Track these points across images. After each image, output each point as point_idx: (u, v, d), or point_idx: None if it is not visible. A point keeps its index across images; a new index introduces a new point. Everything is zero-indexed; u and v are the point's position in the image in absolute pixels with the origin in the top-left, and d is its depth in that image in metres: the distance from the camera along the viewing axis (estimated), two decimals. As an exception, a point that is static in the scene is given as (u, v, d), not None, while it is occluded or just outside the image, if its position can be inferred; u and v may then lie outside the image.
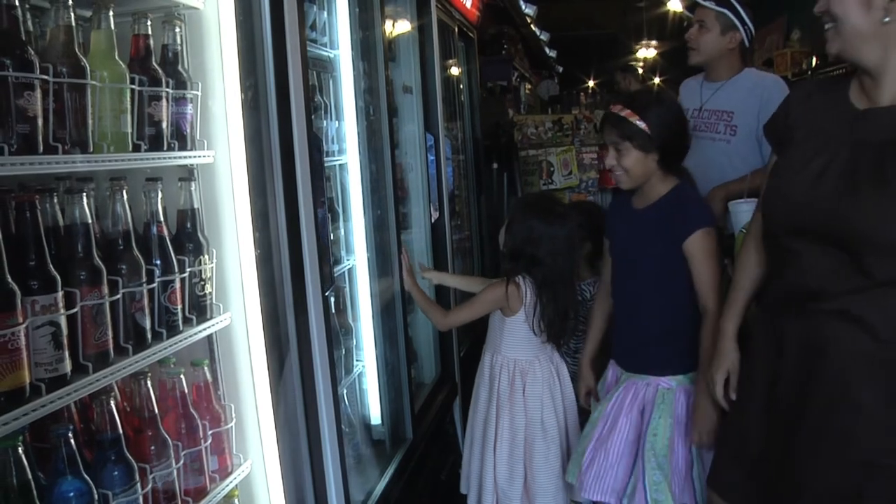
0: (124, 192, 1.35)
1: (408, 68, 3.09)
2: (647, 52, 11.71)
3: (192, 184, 1.52)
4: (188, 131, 1.49)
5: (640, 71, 7.71)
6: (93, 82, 1.25)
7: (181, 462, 1.44)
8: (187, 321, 1.48)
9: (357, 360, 2.47)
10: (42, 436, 1.24)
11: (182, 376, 1.49)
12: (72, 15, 1.22)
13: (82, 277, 1.22)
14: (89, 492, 1.20)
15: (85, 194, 1.26)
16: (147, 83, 1.37)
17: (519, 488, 2.31)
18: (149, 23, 1.41)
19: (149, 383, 1.40)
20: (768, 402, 1.63)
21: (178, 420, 1.47)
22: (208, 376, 1.57)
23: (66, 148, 1.20)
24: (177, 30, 1.47)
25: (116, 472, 1.27)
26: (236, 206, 1.56)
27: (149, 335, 1.37)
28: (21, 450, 1.11)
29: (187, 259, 1.48)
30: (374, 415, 2.56)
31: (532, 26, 8.71)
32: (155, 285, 1.39)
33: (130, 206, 1.37)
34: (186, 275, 1.47)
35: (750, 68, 2.76)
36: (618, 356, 2.24)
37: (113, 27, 1.32)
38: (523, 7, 7.52)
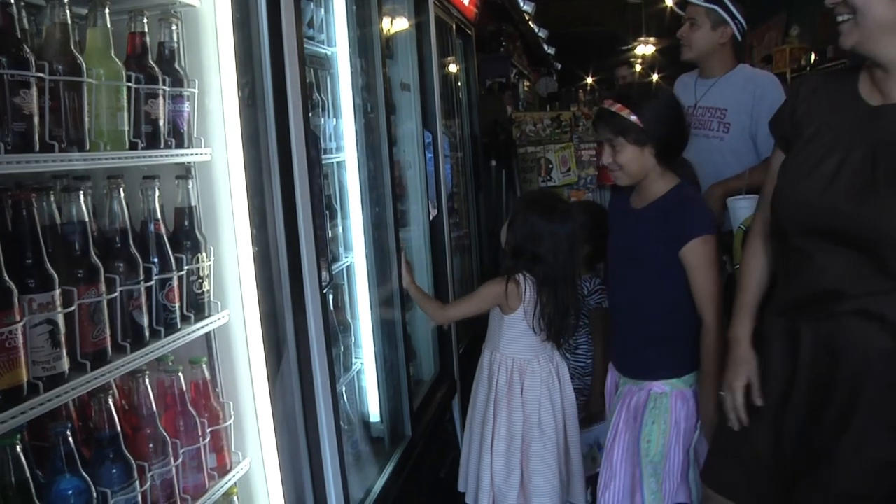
0: (121, 190, 1.35)
1: (405, 65, 3.08)
2: (645, 49, 11.69)
3: (190, 181, 1.52)
4: (185, 129, 1.49)
5: (639, 68, 7.72)
6: (89, 80, 1.25)
7: (180, 460, 1.43)
8: (185, 319, 1.48)
9: (356, 358, 2.47)
10: (40, 434, 1.24)
11: (180, 374, 1.49)
12: (68, 12, 1.22)
13: (80, 275, 1.22)
14: (88, 490, 1.20)
15: (82, 192, 1.26)
16: (144, 81, 1.37)
17: (515, 487, 2.29)
18: (145, 20, 1.41)
19: (147, 381, 1.40)
20: (781, 402, 1.60)
21: (176, 418, 1.47)
22: (206, 374, 1.56)
23: (63, 146, 1.19)
24: (173, 27, 1.47)
25: (115, 470, 1.27)
26: (234, 204, 1.56)
27: (147, 333, 1.37)
28: (19, 448, 1.11)
29: (185, 257, 1.48)
30: (373, 412, 2.56)
31: (530, 23, 8.72)
32: (152, 283, 1.39)
33: (128, 204, 1.37)
34: (184, 272, 1.47)
35: (744, 65, 2.77)
36: (615, 359, 2.22)
37: (109, 25, 1.32)
38: (521, 4, 7.52)
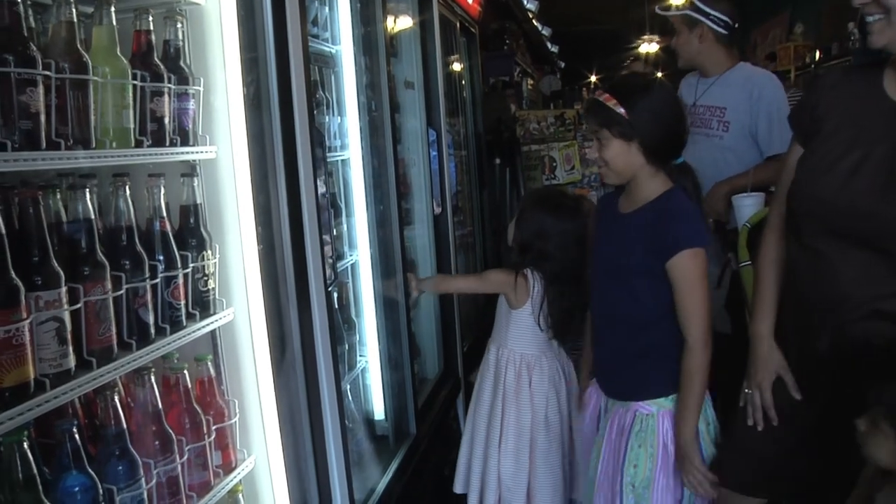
0: (127, 187, 1.35)
1: (410, 64, 3.08)
2: (649, 48, 11.66)
3: (195, 179, 1.52)
4: (190, 127, 1.49)
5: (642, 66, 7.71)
6: (95, 78, 1.25)
7: (185, 457, 1.44)
8: (190, 316, 1.48)
9: (360, 356, 2.47)
10: (47, 431, 1.24)
11: (185, 372, 1.49)
12: (73, 11, 1.22)
13: (86, 273, 1.22)
14: (94, 486, 1.20)
15: (88, 190, 1.26)
16: (149, 79, 1.37)
17: (524, 485, 2.28)
18: (150, 18, 1.41)
19: (152, 379, 1.40)
20: (795, 402, 1.61)
21: (181, 415, 1.48)
22: (212, 371, 1.57)
23: (69, 144, 1.20)
24: (178, 25, 1.47)
25: (121, 467, 1.28)
26: (239, 202, 1.56)
27: (152, 330, 1.37)
28: (26, 445, 1.11)
29: (190, 254, 1.48)
30: (378, 410, 2.56)
31: (534, 21, 8.71)
32: (158, 281, 1.39)
33: (133, 202, 1.37)
34: (189, 270, 1.47)
35: (744, 63, 2.75)
36: (598, 377, 2.03)
37: (115, 23, 1.32)
38: (525, 2, 7.52)
